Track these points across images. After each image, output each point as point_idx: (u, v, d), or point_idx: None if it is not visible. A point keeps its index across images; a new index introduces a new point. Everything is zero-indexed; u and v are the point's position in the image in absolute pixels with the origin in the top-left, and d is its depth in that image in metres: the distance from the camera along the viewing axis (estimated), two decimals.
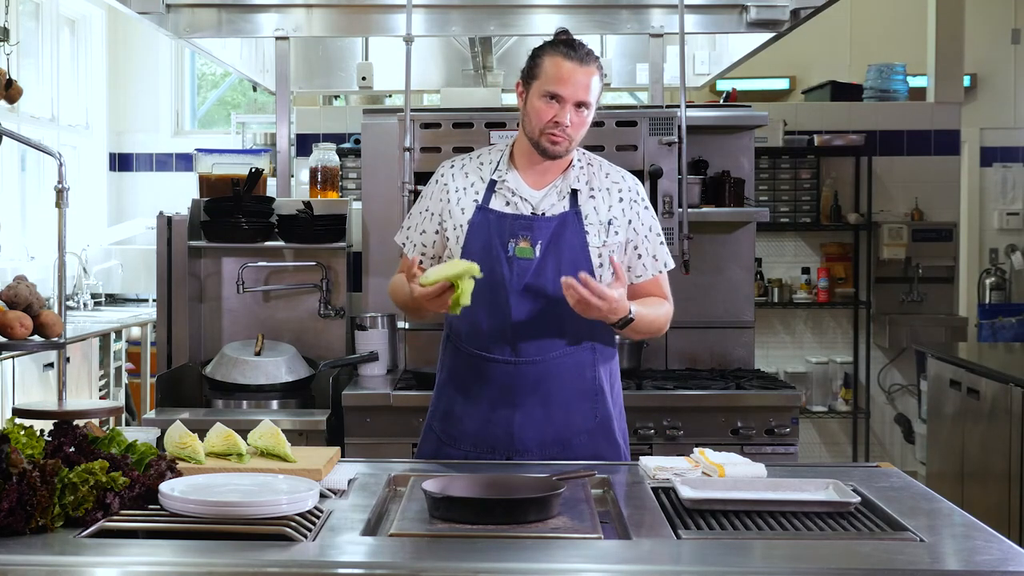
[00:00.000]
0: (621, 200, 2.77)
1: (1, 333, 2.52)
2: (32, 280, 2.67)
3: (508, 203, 2.73)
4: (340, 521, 2.02)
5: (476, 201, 2.75)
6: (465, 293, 2.47)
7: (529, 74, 2.70)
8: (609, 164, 2.84)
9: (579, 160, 2.78)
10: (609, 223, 2.73)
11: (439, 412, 2.82)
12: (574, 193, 2.74)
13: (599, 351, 2.76)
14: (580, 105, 2.64)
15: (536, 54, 2.70)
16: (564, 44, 2.67)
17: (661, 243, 2.83)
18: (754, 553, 1.89)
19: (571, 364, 2.71)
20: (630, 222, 2.77)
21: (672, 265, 2.85)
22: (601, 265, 2.73)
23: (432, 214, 2.81)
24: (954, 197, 6.88)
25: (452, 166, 2.83)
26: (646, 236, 2.79)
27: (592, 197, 2.74)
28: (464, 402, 2.74)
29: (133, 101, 8.53)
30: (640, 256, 2.79)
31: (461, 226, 2.74)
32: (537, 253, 2.68)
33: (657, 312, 2.75)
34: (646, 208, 2.81)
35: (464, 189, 2.78)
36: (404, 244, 2.87)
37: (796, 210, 6.66)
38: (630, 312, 2.60)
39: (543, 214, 2.71)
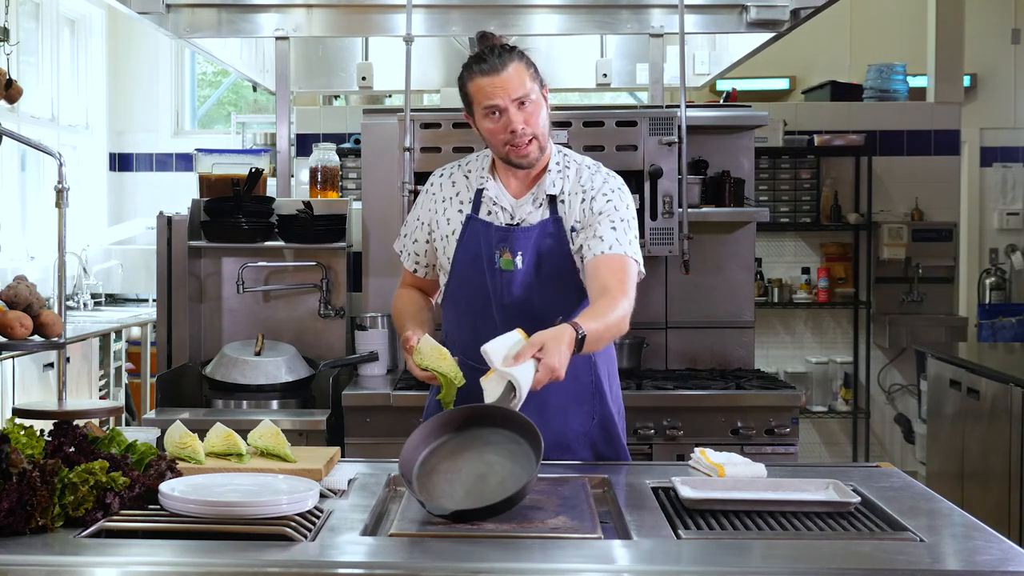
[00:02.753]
0: (583, 202, 2.68)
1: (1, 333, 2.52)
2: (32, 280, 2.67)
3: (490, 212, 2.70)
4: (340, 521, 2.02)
5: (461, 211, 2.72)
6: (450, 393, 2.43)
7: (466, 106, 2.66)
8: (584, 163, 2.74)
9: (557, 163, 2.71)
10: (572, 229, 2.67)
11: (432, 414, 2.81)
12: (552, 199, 2.68)
13: (597, 353, 2.74)
14: (522, 102, 2.57)
15: (460, 82, 2.65)
16: (475, 61, 2.61)
17: (613, 228, 2.62)
18: (754, 553, 1.89)
19: (566, 369, 2.70)
20: (588, 218, 2.66)
21: (626, 253, 2.61)
22: (578, 270, 2.68)
23: (422, 223, 2.81)
24: (954, 197, 6.88)
25: (441, 175, 2.82)
26: (599, 220, 2.63)
27: (562, 202, 2.69)
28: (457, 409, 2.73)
29: (133, 101, 8.53)
30: (585, 236, 2.64)
31: (446, 237, 2.74)
32: (519, 264, 2.65)
33: (608, 317, 2.46)
34: (608, 200, 2.66)
35: (449, 199, 2.76)
36: (401, 253, 2.88)
37: (796, 210, 6.67)
38: (579, 331, 2.37)
39: (520, 223, 2.68)
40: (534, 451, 2.12)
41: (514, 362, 2.29)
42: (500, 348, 2.32)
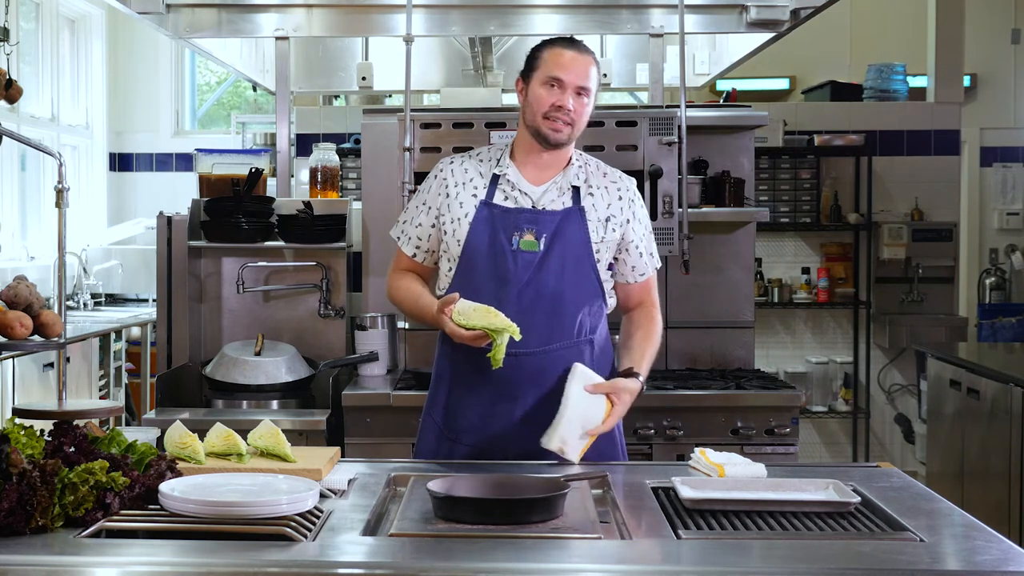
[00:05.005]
0: (620, 199, 2.81)
1: (1, 333, 2.52)
2: (32, 280, 2.67)
3: (508, 197, 2.75)
4: (340, 521, 2.02)
5: (475, 196, 2.77)
6: (501, 349, 2.49)
7: (529, 67, 2.75)
8: (605, 164, 2.88)
9: (577, 159, 2.82)
10: (607, 220, 2.77)
11: (438, 406, 2.83)
12: (576, 190, 2.77)
13: (597, 346, 2.78)
14: (581, 92, 2.69)
15: (536, 49, 2.76)
16: (562, 39, 2.75)
17: (653, 240, 2.92)
18: (754, 553, 1.89)
19: (571, 357, 2.71)
20: (628, 220, 2.81)
21: (660, 263, 2.94)
22: (599, 261, 2.76)
23: (429, 208, 2.83)
24: (954, 197, 6.88)
25: (451, 162, 2.86)
26: (644, 235, 2.86)
27: (591, 194, 2.78)
28: (465, 396, 2.75)
29: (133, 101, 8.53)
30: (641, 255, 2.85)
31: (458, 220, 2.76)
32: (541, 246, 2.71)
33: (655, 346, 2.84)
34: (641, 207, 2.88)
35: (463, 184, 2.80)
36: (399, 238, 2.90)
37: (796, 210, 6.67)
38: (639, 378, 2.72)
39: (543, 209, 2.74)
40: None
41: (593, 390, 2.62)
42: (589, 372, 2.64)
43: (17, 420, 2.19)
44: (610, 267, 2.82)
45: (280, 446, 2.38)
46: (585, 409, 2.58)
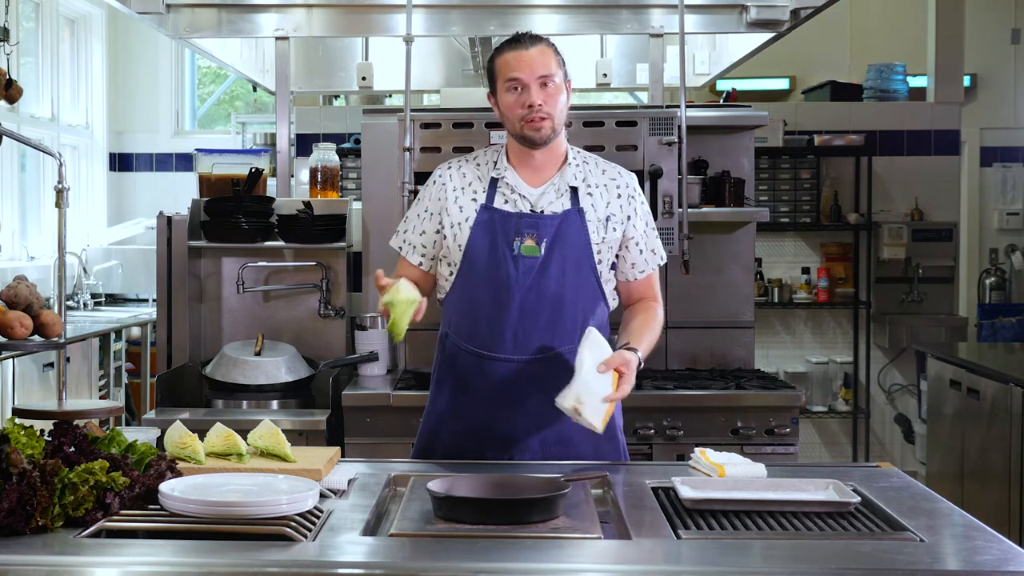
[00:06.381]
0: (619, 196, 2.78)
1: (1, 333, 2.52)
2: (32, 280, 2.67)
3: (508, 200, 2.74)
4: (340, 521, 2.02)
5: (475, 200, 2.76)
6: (397, 323, 2.48)
7: (491, 80, 2.76)
8: (605, 161, 2.85)
9: (574, 158, 2.79)
10: (607, 219, 2.75)
11: (437, 411, 2.82)
12: (574, 191, 2.75)
13: None
14: (544, 82, 2.66)
15: (490, 61, 2.76)
16: (506, 41, 2.74)
17: (656, 236, 2.86)
18: (754, 553, 1.89)
19: (572, 361, 2.71)
20: (629, 218, 2.79)
21: (665, 258, 2.88)
22: (600, 262, 2.74)
23: (431, 214, 2.82)
24: (954, 197, 6.88)
25: (449, 167, 2.85)
26: (644, 232, 2.82)
27: (589, 194, 2.76)
28: (465, 401, 2.75)
29: (133, 101, 8.53)
30: (641, 252, 2.81)
31: (459, 224, 2.75)
32: (542, 251, 2.70)
33: (654, 332, 2.76)
34: (642, 203, 2.84)
35: (463, 188, 2.79)
36: (401, 248, 2.87)
37: (796, 210, 6.67)
38: (638, 352, 2.64)
39: (541, 212, 2.73)
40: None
41: (604, 368, 2.51)
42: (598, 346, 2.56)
43: (17, 420, 2.19)
44: (612, 266, 2.81)
45: (280, 446, 2.38)
46: (599, 376, 2.53)
